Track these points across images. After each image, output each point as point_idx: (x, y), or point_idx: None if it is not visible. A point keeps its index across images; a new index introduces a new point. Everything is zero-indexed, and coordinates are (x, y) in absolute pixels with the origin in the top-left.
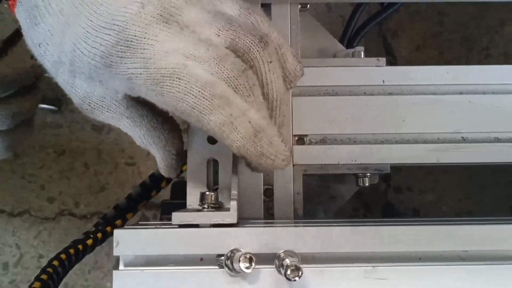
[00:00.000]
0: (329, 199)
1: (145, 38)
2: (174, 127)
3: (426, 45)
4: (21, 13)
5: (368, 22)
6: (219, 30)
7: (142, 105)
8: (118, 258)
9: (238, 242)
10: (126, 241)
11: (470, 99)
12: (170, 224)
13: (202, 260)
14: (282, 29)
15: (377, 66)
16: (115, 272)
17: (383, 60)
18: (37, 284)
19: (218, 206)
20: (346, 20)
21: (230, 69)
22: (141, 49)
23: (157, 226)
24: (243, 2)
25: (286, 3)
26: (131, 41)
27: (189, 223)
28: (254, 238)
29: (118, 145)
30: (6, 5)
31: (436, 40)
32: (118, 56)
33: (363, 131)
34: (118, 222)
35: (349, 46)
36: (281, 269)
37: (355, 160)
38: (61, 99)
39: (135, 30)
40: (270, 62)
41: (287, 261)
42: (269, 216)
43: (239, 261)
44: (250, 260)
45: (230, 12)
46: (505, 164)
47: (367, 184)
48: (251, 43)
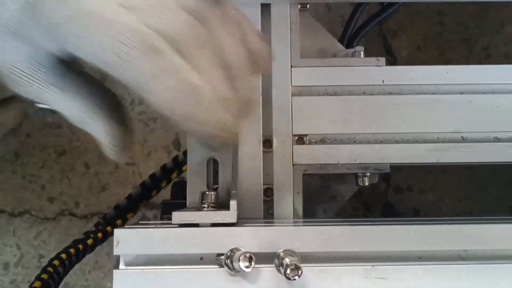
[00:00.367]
0: (329, 199)
1: None
2: (114, 100)
3: (426, 45)
4: None
5: (368, 22)
6: None
7: (76, 75)
8: (118, 257)
9: (238, 241)
10: (127, 240)
11: (470, 99)
12: (170, 223)
13: (202, 259)
14: (281, 29)
15: (376, 66)
16: (115, 271)
17: (383, 60)
18: (37, 283)
19: (218, 205)
20: (346, 20)
21: (171, 23)
22: None
23: (157, 226)
24: None
25: (286, 3)
26: None
27: (189, 223)
28: (254, 237)
29: None
30: None
31: (436, 40)
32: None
33: (363, 131)
34: (119, 222)
35: (349, 46)
36: (280, 268)
37: (355, 159)
38: None
39: None
40: (227, 27)
41: (287, 260)
42: (269, 215)
43: (239, 260)
44: (250, 259)
45: None
46: (505, 163)
47: (367, 183)
48: (205, 3)
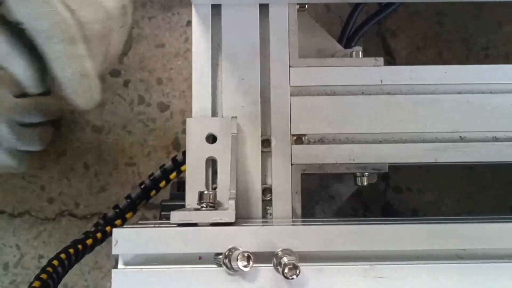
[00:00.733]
0: (328, 199)
1: None
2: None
3: (426, 45)
4: None
5: (366, 22)
6: None
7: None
8: (117, 257)
9: (236, 240)
10: (125, 240)
11: (468, 99)
12: (169, 223)
13: (200, 258)
14: (280, 29)
15: (375, 65)
16: (114, 271)
17: (381, 59)
18: (37, 283)
19: (217, 205)
20: (344, 20)
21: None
22: None
23: (155, 225)
24: None
25: (284, 4)
26: None
27: (187, 222)
28: (252, 236)
29: (118, 145)
30: None
31: (435, 40)
32: None
33: (362, 131)
34: (118, 222)
35: (347, 46)
36: (279, 267)
37: (354, 159)
38: None
39: None
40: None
41: (285, 259)
42: (267, 215)
43: (237, 259)
44: (248, 258)
45: None
46: (503, 163)
47: (366, 183)
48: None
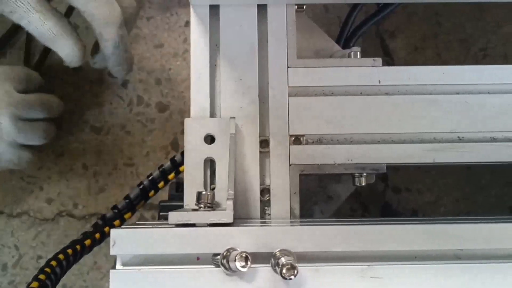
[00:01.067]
0: (326, 199)
1: None
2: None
3: (424, 46)
4: None
5: (364, 22)
6: None
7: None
8: (115, 258)
9: (234, 241)
10: (123, 240)
11: (466, 99)
12: (167, 223)
13: (198, 259)
14: (278, 30)
15: (373, 66)
16: (112, 271)
17: (379, 60)
18: (35, 283)
19: (215, 205)
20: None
21: None
22: None
23: (154, 226)
24: None
25: (283, 4)
26: None
27: (185, 223)
28: (250, 237)
29: (117, 146)
30: None
31: (433, 41)
32: None
33: (360, 131)
34: (116, 222)
35: (345, 46)
36: (276, 268)
37: (352, 160)
38: None
39: None
40: None
41: (283, 260)
42: (265, 216)
43: (235, 260)
44: (246, 259)
45: None
46: (501, 163)
47: (364, 183)
48: None
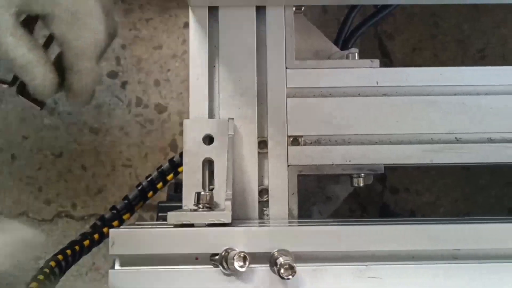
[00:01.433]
0: (324, 200)
1: None
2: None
3: (422, 47)
4: None
5: (362, 24)
6: None
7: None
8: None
9: (232, 241)
10: (122, 240)
11: (464, 100)
12: (166, 224)
13: (197, 259)
14: (276, 31)
15: (371, 67)
16: (111, 271)
17: (377, 61)
18: (34, 284)
19: (214, 206)
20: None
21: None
22: None
23: (152, 226)
24: None
25: (281, 6)
26: None
27: (184, 223)
28: (248, 237)
29: (116, 147)
30: None
31: (431, 42)
32: None
33: (358, 132)
34: (115, 223)
35: (343, 48)
36: (274, 268)
37: (350, 160)
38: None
39: None
40: None
41: (281, 260)
42: (264, 216)
43: (234, 260)
44: (244, 259)
45: None
46: (498, 164)
47: (362, 184)
48: None
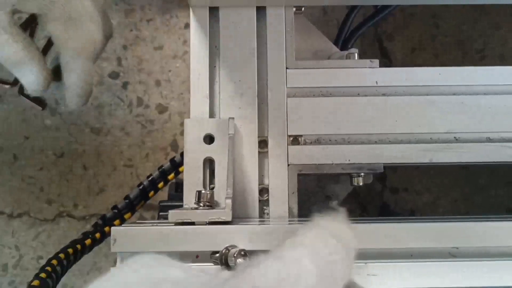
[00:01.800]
0: (324, 199)
1: None
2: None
3: (422, 47)
4: None
5: (362, 24)
6: None
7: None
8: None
9: (233, 239)
10: (124, 238)
11: (462, 100)
12: (167, 222)
13: (198, 257)
14: (277, 31)
15: (370, 67)
16: (113, 269)
17: (377, 61)
18: (36, 282)
19: (214, 204)
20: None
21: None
22: None
23: (153, 224)
24: None
25: (281, 6)
26: None
27: (185, 221)
28: (248, 235)
29: (117, 147)
30: None
31: (431, 42)
32: None
33: (357, 132)
34: (117, 222)
35: (343, 48)
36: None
37: (349, 160)
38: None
39: None
40: None
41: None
42: (264, 215)
43: (234, 257)
44: (245, 256)
45: None
46: (497, 163)
47: (361, 183)
48: None
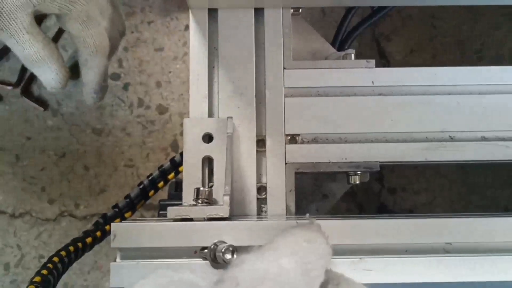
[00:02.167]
0: (321, 198)
1: None
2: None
3: (420, 48)
4: None
5: (358, 25)
6: None
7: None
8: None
9: (230, 235)
10: (123, 234)
11: (458, 100)
12: (167, 219)
13: (196, 253)
14: (274, 32)
15: (366, 67)
16: (112, 264)
17: (373, 62)
18: (37, 278)
19: (213, 202)
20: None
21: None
22: None
23: (153, 221)
24: None
25: (279, 8)
26: None
27: (183, 217)
28: (245, 231)
29: (118, 147)
30: None
31: (429, 43)
32: None
33: (354, 131)
34: (117, 221)
35: (340, 49)
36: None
37: (346, 158)
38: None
39: None
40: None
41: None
42: (262, 213)
43: (222, 253)
44: (233, 252)
45: None
46: (492, 162)
47: (358, 182)
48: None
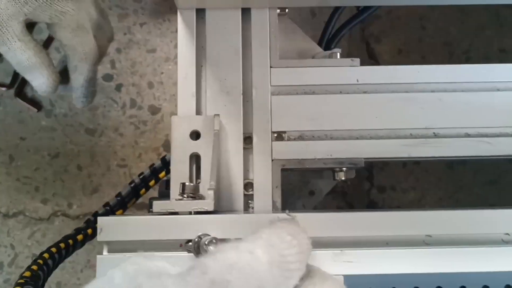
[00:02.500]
0: (308, 194)
1: None
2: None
3: (409, 49)
4: None
5: (345, 25)
6: None
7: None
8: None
9: (215, 229)
10: (110, 227)
11: (440, 97)
12: (153, 213)
13: (181, 246)
14: (261, 32)
15: (351, 66)
16: (99, 257)
17: (357, 60)
18: (27, 273)
19: (198, 197)
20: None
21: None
22: None
23: (139, 215)
24: None
25: (265, 8)
26: None
27: (169, 211)
28: (230, 225)
29: (111, 147)
30: None
31: (418, 44)
32: None
33: (339, 128)
34: None
35: (327, 48)
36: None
37: (331, 155)
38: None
39: None
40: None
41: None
42: (249, 209)
43: (205, 245)
44: (216, 244)
45: None
46: (475, 157)
47: (344, 178)
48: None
